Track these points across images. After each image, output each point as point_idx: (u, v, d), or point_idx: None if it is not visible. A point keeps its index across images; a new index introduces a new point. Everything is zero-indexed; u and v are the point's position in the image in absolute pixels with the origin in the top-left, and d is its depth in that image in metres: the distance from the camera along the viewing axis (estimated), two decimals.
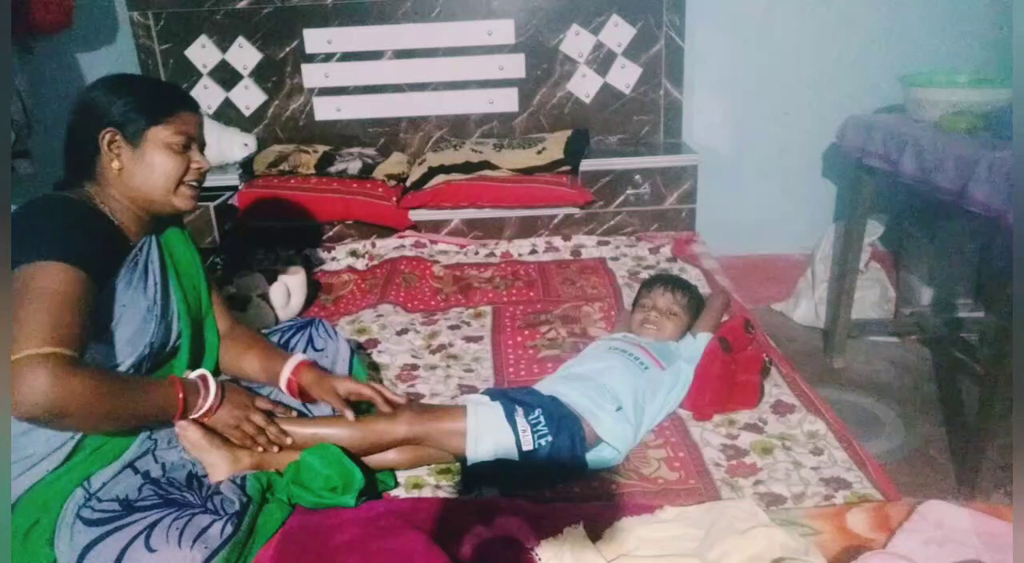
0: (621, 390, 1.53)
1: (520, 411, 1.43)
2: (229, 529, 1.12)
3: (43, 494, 1.17)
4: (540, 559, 1.15)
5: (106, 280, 1.25)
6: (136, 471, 1.22)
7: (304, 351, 1.55)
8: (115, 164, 1.29)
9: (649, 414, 1.55)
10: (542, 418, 1.43)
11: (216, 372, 1.48)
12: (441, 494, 1.38)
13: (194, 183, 1.36)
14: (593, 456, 1.44)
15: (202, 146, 1.38)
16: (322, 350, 1.58)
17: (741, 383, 1.64)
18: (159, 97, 1.32)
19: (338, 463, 1.30)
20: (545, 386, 1.59)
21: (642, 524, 1.21)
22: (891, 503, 1.25)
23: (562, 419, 1.44)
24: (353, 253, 2.66)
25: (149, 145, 1.29)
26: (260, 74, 2.97)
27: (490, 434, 1.40)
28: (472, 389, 1.75)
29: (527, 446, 1.39)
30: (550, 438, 1.40)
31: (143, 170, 1.30)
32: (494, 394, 1.53)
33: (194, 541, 1.07)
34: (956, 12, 2.86)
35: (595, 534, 1.19)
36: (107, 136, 1.28)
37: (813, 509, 1.26)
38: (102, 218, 1.29)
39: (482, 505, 1.27)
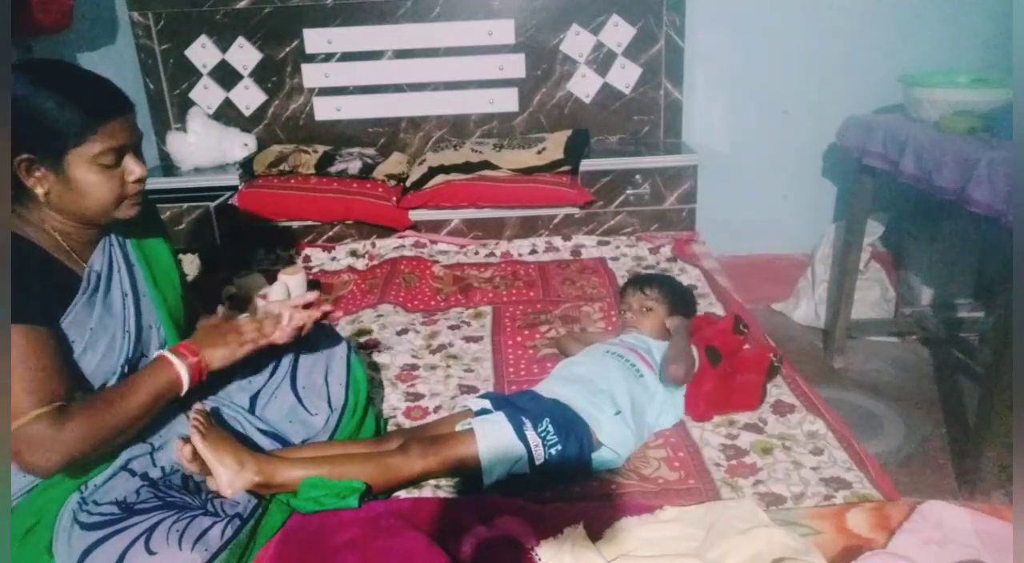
0: (619, 394, 1.52)
1: (528, 424, 1.41)
2: (230, 531, 1.11)
3: (40, 498, 1.17)
4: (540, 559, 1.15)
5: (59, 319, 1.18)
6: (133, 473, 1.21)
7: (299, 349, 1.54)
8: (39, 190, 1.14)
9: (647, 419, 1.54)
10: (550, 428, 1.41)
11: None
12: (441, 494, 1.37)
13: (135, 195, 1.21)
14: (595, 457, 1.44)
15: (136, 148, 1.20)
16: (318, 348, 1.57)
17: (741, 384, 1.63)
18: (78, 109, 1.12)
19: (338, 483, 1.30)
20: (544, 389, 1.58)
21: (642, 524, 1.21)
22: (891, 503, 1.25)
23: (569, 424, 1.43)
24: (353, 253, 2.66)
25: (73, 169, 1.14)
26: (260, 74, 2.97)
27: (503, 456, 1.38)
28: (472, 389, 1.75)
29: (540, 460, 1.39)
30: (560, 447, 1.40)
31: (72, 196, 1.16)
32: (496, 401, 1.52)
33: (195, 543, 1.06)
34: (956, 12, 2.85)
35: (595, 534, 1.19)
36: (23, 165, 1.12)
37: (813, 509, 1.26)
38: (38, 254, 1.17)
39: (482, 505, 1.27)
